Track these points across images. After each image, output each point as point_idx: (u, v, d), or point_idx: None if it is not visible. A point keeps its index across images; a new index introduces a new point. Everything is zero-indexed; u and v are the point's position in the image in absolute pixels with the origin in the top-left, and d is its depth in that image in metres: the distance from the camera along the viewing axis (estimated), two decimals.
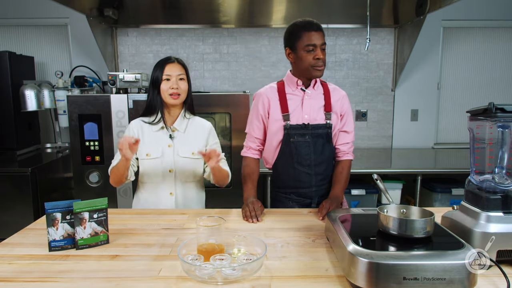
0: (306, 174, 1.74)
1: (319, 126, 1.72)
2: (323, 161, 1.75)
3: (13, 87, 3.11)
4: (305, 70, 1.67)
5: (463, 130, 3.74)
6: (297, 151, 1.71)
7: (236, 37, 3.57)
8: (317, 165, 1.74)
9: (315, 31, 1.61)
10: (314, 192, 1.77)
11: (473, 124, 1.18)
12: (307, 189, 1.77)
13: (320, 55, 1.61)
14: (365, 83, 3.65)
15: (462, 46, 3.65)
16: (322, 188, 1.79)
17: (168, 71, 1.71)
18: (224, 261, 1.08)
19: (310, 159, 1.72)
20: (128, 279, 1.07)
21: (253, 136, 1.82)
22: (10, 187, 2.75)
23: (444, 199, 2.98)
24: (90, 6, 3.02)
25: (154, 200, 1.79)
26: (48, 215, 1.25)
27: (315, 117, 1.72)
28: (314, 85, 1.75)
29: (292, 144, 1.71)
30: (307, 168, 1.73)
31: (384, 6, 3.22)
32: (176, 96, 1.71)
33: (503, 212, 1.09)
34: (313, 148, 1.72)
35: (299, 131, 1.70)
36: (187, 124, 1.81)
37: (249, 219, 1.55)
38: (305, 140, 1.71)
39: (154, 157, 1.74)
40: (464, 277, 0.91)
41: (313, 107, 1.73)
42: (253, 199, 1.67)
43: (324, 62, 1.65)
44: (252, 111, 1.82)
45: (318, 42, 1.61)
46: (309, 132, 1.71)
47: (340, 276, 1.07)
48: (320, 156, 1.73)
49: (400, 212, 1.16)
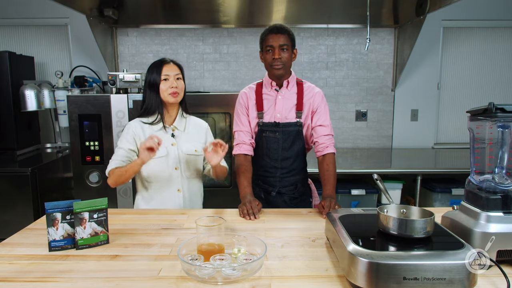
0: (272, 167, 1.89)
1: (289, 124, 1.84)
2: (291, 156, 1.87)
3: (13, 87, 3.11)
4: (268, 69, 1.83)
5: (463, 130, 3.74)
6: (267, 145, 1.86)
7: (236, 37, 3.57)
8: (283, 159, 1.87)
9: (275, 33, 1.75)
10: (277, 181, 1.90)
11: (473, 124, 1.18)
12: (271, 178, 1.91)
13: (276, 55, 1.74)
14: (365, 83, 3.65)
15: (462, 46, 3.65)
16: (285, 179, 1.90)
17: (166, 71, 1.74)
18: (224, 261, 1.08)
19: (277, 154, 1.87)
20: (128, 279, 1.07)
21: (242, 130, 1.90)
22: (10, 187, 2.75)
23: (444, 199, 2.98)
24: (90, 6, 3.01)
25: (161, 198, 1.80)
26: (48, 215, 1.25)
27: (287, 115, 1.84)
28: (287, 86, 1.86)
29: (264, 139, 1.87)
30: (274, 162, 1.88)
31: (384, 6, 3.22)
32: (176, 95, 1.74)
33: (503, 212, 1.09)
34: (281, 144, 1.85)
35: (270, 128, 1.85)
36: (185, 123, 1.86)
37: (246, 216, 1.58)
38: (275, 136, 1.85)
39: (160, 156, 1.75)
40: (464, 277, 0.91)
41: (285, 106, 1.85)
42: (250, 197, 1.70)
43: (283, 62, 1.76)
44: (236, 110, 1.94)
45: (276, 43, 1.74)
46: (279, 130, 1.84)
47: (340, 276, 1.07)
48: (288, 151, 1.86)
49: (400, 212, 1.16)
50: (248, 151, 1.87)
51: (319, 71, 3.61)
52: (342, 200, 3.02)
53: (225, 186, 2.94)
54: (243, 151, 1.87)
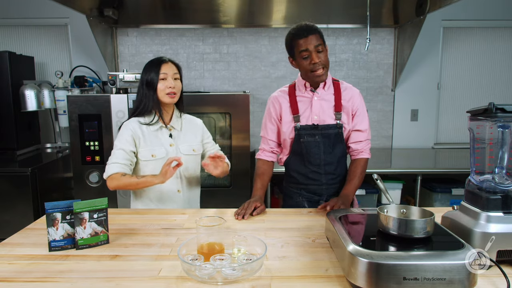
0: (315, 173, 1.79)
1: (329, 127, 1.74)
2: (333, 161, 1.78)
3: (13, 87, 3.11)
4: (307, 76, 1.72)
5: (463, 130, 3.74)
6: (307, 150, 1.76)
7: (236, 37, 3.57)
8: (326, 164, 1.77)
9: (306, 36, 1.62)
10: (324, 189, 1.81)
11: (473, 124, 1.18)
12: (317, 186, 1.80)
13: (315, 59, 1.63)
14: (365, 83, 3.65)
15: (462, 46, 3.65)
16: (332, 186, 1.81)
17: (164, 70, 1.70)
18: (224, 261, 1.08)
19: (320, 159, 1.76)
20: (128, 279, 1.07)
21: (267, 138, 1.86)
22: (10, 187, 2.75)
23: (444, 199, 2.98)
24: (90, 6, 3.01)
25: (160, 199, 1.79)
26: (48, 215, 1.25)
27: (325, 117, 1.75)
28: (324, 86, 1.77)
29: (303, 144, 1.75)
30: (317, 167, 1.78)
31: (384, 6, 3.22)
32: (173, 95, 1.72)
33: (503, 212, 1.09)
34: (323, 148, 1.75)
35: (309, 131, 1.74)
36: (181, 122, 1.84)
37: (235, 214, 1.59)
38: (315, 140, 1.74)
39: (159, 157, 1.74)
40: (464, 277, 0.91)
41: (323, 107, 1.75)
42: (255, 198, 1.70)
43: (323, 64, 1.66)
44: (265, 115, 1.87)
45: (311, 46, 1.62)
46: (319, 133, 1.74)
47: (340, 276, 1.07)
48: (330, 155, 1.77)
49: (400, 212, 1.16)
50: (269, 157, 1.86)
51: None
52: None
53: (225, 186, 2.93)
54: (263, 156, 1.86)
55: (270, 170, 1.86)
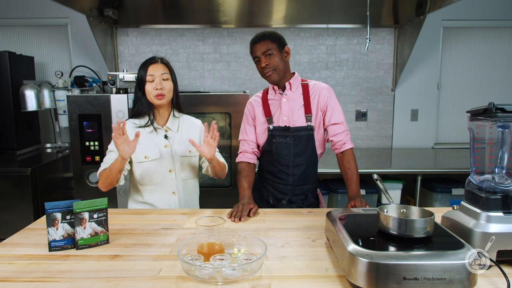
0: (283, 173, 1.84)
1: (300, 129, 1.79)
2: (302, 163, 1.81)
3: (13, 87, 3.11)
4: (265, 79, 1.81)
5: (463, 130, 3.74)
6: (278, 151, 1.81)
7: (236, 37, 3.57)
8: (295, 166, 1.81)
9: (256, 43, 1.75)
10: (289, 190, 1.85)
11: (473, 124, 1.18)
12: (283, 185, 1.86)
13: (263, 64, 1.74)
14: (365, 83, 3.65)
15: (462, 46, 3.65)
16: (298, 188, 1.85)
17: (151, 71, 1.69)
18: (224, 261, 1.08)
19: (288, 160, 1.81)
20: (128, 279, 1.07)
21: (247, 140, 1.89)
22: (10, 187, 2.75)
23: (444, 199, 2.98)
24: (90, 6, 3.01)
25: (155, 201, 1.78)
26: (48, 215, 1.25)
27: (295, 118, 1.80)
28: (291, 87, 1.82)
29: (274, 144, 1.81)
30: (285, 168, 1.83)
31: (384, 6, 3.22)
32: (160, 97, 1.69)
33: (503, 212, 1.09)
34: (293, 150, 1.80)
35: (281, 132, 1.80)
36: (178, 123, 1.82)
37: (231, 217, 1.57)
38: (286, 141, 1.80)
39: (152, 159, 1.73)
40: (464, 277, 0.91)
41: (292, 108, 1.81)
42: (246, 200, 1.69)
43: (272, 67, 1.74)
44: (243, 120, 1.94)
45: (259, 52, 1.74)
46: (290, 134, 1.79)
47: (340, 276, 1.07)
48: (300, 158, 1.80)
49: (400, 212, 1.16)
50: (250, 160, 1.87)
51: (319, 71, 3.61)
52: (342, 200, 3.03)
53: (225, 186, 2.94)
54: (245, 159, 1.87)
55: (253, 172, 1.87)
